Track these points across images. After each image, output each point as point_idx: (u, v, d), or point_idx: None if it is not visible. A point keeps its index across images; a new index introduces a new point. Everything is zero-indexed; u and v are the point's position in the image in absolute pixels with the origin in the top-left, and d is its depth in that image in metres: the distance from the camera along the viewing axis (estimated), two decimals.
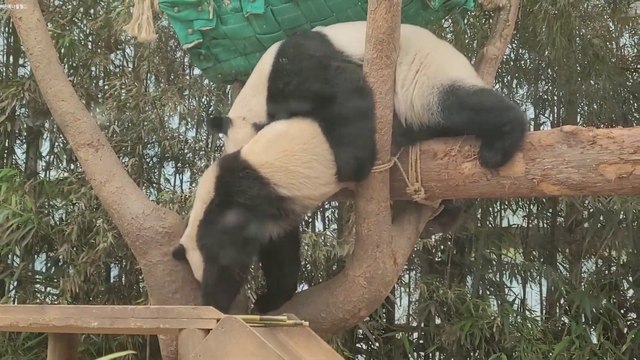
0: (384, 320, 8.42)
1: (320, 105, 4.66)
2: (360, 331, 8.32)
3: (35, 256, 8.36)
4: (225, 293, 4.66)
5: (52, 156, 8.61)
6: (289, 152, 4.61)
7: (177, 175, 8.66)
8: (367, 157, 4.67)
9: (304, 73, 4.72)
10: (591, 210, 8.60)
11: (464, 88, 4.67)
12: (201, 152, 8.32)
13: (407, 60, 4.77)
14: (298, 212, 4.70)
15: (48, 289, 8.28)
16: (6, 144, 8.40)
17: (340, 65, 4.70)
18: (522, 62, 8.84)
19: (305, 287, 8.07)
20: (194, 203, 4.85)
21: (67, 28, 8.21)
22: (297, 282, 5.35)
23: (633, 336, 8.13)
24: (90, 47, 8.61)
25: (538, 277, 8.82)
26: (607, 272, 8.91)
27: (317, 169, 4.63)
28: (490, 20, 7.06)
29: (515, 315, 8.34)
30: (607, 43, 8.32)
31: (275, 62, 4.87)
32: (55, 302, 7.81)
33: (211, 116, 7.97)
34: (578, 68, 8.41)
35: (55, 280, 8.09)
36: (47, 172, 8.65)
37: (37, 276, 8.40)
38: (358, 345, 8.62)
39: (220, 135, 5.25)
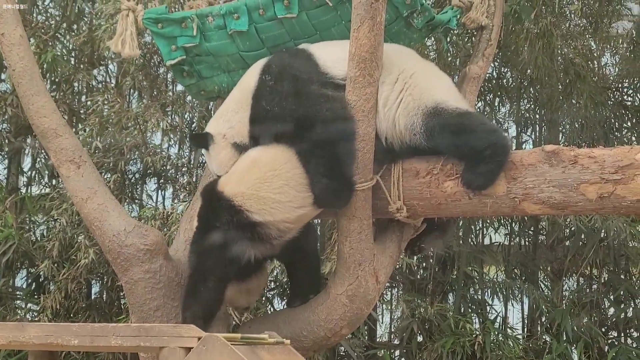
0: (366, 337, 8.40)
1: (301, 131, 4.65)
2: (342, 349, 8.30)
3: (16, 272, 8.31)
4: (202, 304, 4.72)
5: (33, 172, 8.57)
6: (260, 180, 4.68)
7: (160, 191, 8.63)
8: (345, 187, 4.69)
9: (287, 96, 4.72)
10: (572, 228, 8.62)
11: (447, 111, 4.68)
12: (184, 169, 8.31)
13: (390, 80, 4.77)
14: (274, 235, 4.74)
15: (29, 305, 8.22)
16: None
17: (324, 93, 4.70)
18: (505, 80, 8.87)
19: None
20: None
21: (50, 44, 8.18)
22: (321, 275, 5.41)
23: (614, 354, 8.14)
24: (73, 62, 8.59)
25: (520, 295, 8.83)
26: (588, 290, 8.93)
27: (289, 193, 4.68)
28: (473, 39, 7.08)
29: (496, 333, 8.33)
30: (589, 62, 8.37)
31: (260, 80, 4.88)
32: (36, 319, 7.76)
33: (193, 132, 7.95)
34: (560, 87, 8.45)
35: (36, 297, 8.04)
36: (29, 187, 8.60)
37: (17, 292, 8.35)
38: None
39: (202, 151, 5.23)
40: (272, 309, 8.07)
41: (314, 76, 4.78)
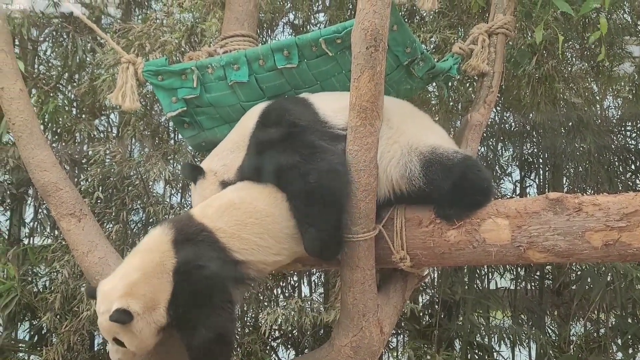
0: None
1: (294, 179, 4.63)
2: None
3: (19, 324, 8.25)
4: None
5: (35, 223, 8.54)
6: (241, 223, 4.61)
7: None
8: (334, 240, 4.66)
9: (284, 141, 4.71)
10: (579, 272, 8.56)
11: (447, 156, 4.67)
12: None
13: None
14: (252, 276, 4.65)
15: (31, 357, 8.15)
16: None
17: (321, 144, 4.68)
18: (507, 125, 8.86)
19: (292, 354, 7.98)
20: (130, 261, 4.59)
21: (52, 94, 8.20)
22: None
23: None
24: (74, 113, 8.60)
25: (527, 340, 8.74)
26: (595, 334, 8.84)
27: (268, 240, 4.64)
28: (474, 85, 7.08)
29: None
30: (592, 106, 8.36)
31: (259, 122, 4.88)
32: None
33: (187, 162, 7.89)
34: (563, 131, 8.44)
35: (38, 349, 7.97)
36: (31, 238, 8.57)
37: (20, 345, 8.28)
38: None
39: (190, 184, 5.20)
40: (276, 358, 7.99)
41: (313, 124, 4.77)
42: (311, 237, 4.63)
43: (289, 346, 8.25)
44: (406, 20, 6.11)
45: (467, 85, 7.71)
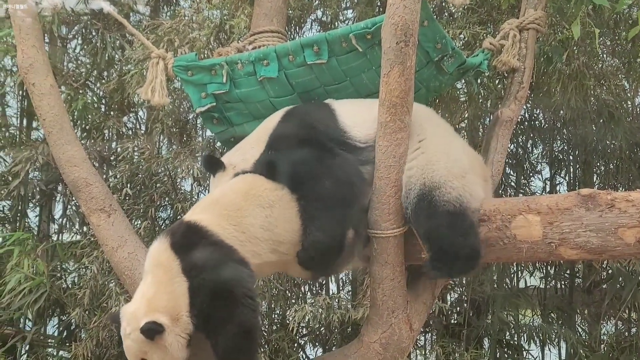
0: None
1: (309, 184, 4.66)
2: None
3: (48, 320, 8.29)
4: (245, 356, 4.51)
5: (64, 219, 8.58)
6: (220, 215, 4.59)
7: None
8: (333, 250, 4.68)
9: (301, 143, 4.76)
10: (610, 271, 8.47)
11: (437, 202, 4.59)
12: None
13: None
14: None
15: (60, 352, 8.18)
16: (19, 208, 8.39)
17: (339, 152, 4.73)
18: (537, 122, 8.79)
19: (320, 351, 7.96)
20: (144, 282, 4.55)
21: (81, 91, 8.23)
22: None
23: None
24: (103, 110, 8.63)
25: (557, 340, 8.65)
26: (627, 334, 8.74)
27: (243, 234, 4.62)
28: (505, 81, 7.03)
29: None
30: (623, 103, 8.27)
31: (280, 122, 4.91)
32: None
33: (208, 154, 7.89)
34: (594, 128, 8.35)
35: (67, 345, 8.00)
36: (60, 235, 8.60)
37: (49, 340, 8.31)
38: None
39: (210, 175, 5.20)
40: (304, 356, 7.98)
41: (331, 131, 4.79)
42: (314, 240, 4.62)
43: (316, 344, 8.22)
44: (435, 16, 6.05)
45: (497, 81, 7.65)
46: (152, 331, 4.28)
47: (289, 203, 4.64)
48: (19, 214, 8.46)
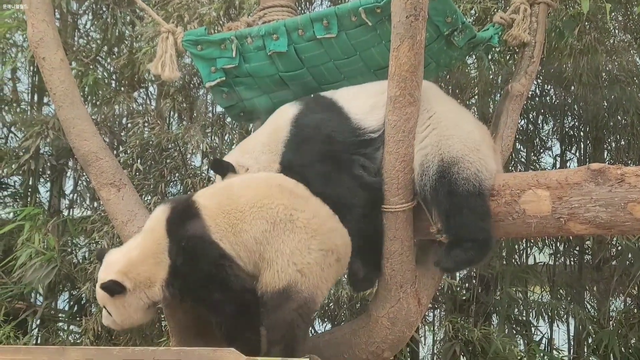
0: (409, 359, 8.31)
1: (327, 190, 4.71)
2: None
3: (58, 294, 8.34)
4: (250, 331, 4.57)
5: (75, 194, 8.62)
6: (222, 206, 4.56)
7: None
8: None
9: (321, 159, 4.77)
10: (619, 247, 8.46)
11: (457, 180, 4.59)
12: None
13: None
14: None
15: (71, 327, 8.24)
16: (30, 183, 8.43)
17: (359, 174, 4.74)
18: (548, 98, 8.76)
19: (329, 326, 7.99)
20: (136, 238, 4.67)
21: (91, 67, 8.24)
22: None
23: None
24: (113, 85, 8.64)
25: (565, 316, 8.66)
26: (636, 310, 8.75)
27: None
28: (515, 56, 7.00)
29: (542, 355, 8.19)
30: (634, 78, 8.23)
31: (292, 131, 4.87)
32: (78, 341, 7.78)
33: (215, 158, 7.92)
34: (605, 104, 8.32)
35: (78, 319, 8.05)
36: (70, 210, 8.64)
37: (60, 315, 8.37)
38: None
39: (216, 177, 5.19)
40: (313, 331, 8.00)
41: (348, 136, 4.78)
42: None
43: (325, 319, 8.25)
44: None
45: (508, 57, 7.63)
46: (112, 290, 4.43)
47: (297, 229, 4.54)
48: (29, 189, 8.50)
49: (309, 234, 4.48)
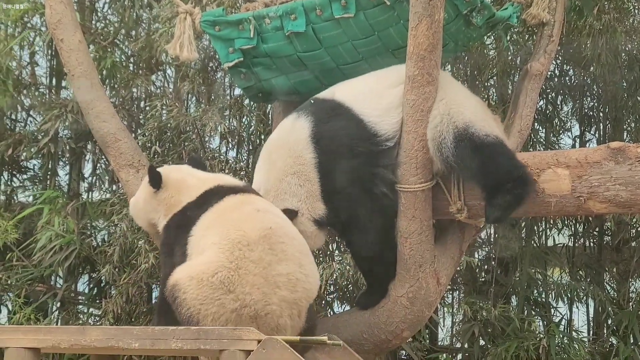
0: (427, 341, 8.31)
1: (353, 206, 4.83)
2: (404, 352, 8.21)
3: (78, 277, 8.38)
4: None
5: (94, 177, 8.65)
6: None
7: None
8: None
9: (350, 179, 4.82)
10: (639, 228, 8.42)
11: (479, 136, 4.62)
12: (242, 172, 8.30)
13: None
14: None
15: (90, 309, 8.28)
16: (49, 166, 8.46)
17: (385, 192, 4.81)
18: (567, 78, 8.70)
19: (347, 307, 8.00)
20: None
21: (109, 50, 8.25)
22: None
23: None
24: (131, 68, 8.65)
25: (585, 297, 8.64)
26: None
27: None
28: (534, 36, 6.96)
29: (561, 336, 8.16)
30: None
31: (318, 152, 4.84)
32: (98, 323, 7.83)
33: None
34: (624, 84, 8.26)
35: (97, 301, 8.10)
36: (90, 193, 8.68)
37: (79, 297, 8.42)
38: None
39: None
40: (331, 312, 8.02)
41: (368, 145, 4.80)
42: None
43: (344, 301, 8.25)
44: None
45: (527, 37, 7.58)
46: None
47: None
48: (49, 173, 8.53)
49: None
